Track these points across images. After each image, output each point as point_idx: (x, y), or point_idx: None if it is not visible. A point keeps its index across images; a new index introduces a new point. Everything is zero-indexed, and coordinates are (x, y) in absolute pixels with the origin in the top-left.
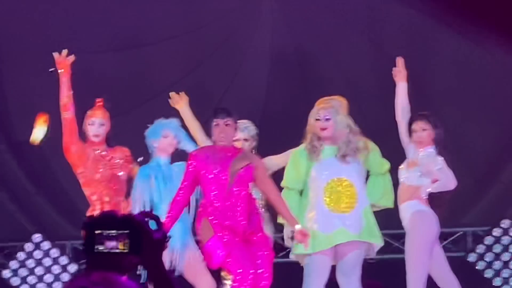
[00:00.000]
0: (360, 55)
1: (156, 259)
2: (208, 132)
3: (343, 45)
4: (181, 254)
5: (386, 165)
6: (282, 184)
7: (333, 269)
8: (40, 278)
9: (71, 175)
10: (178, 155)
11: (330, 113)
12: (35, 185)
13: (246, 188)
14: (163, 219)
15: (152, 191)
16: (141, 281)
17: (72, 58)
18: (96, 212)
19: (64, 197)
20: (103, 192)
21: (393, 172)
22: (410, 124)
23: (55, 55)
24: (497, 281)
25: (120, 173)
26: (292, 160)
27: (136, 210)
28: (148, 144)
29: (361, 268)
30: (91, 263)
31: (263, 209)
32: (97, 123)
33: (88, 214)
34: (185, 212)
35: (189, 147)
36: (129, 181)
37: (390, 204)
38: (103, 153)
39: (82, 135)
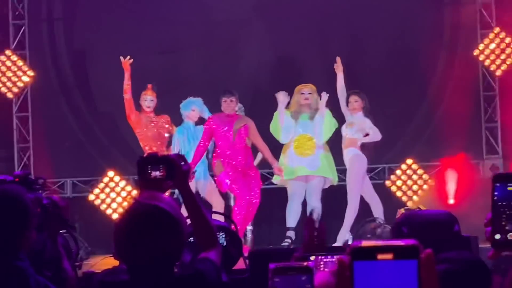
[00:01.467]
0: (315, 56)
1: (185, 183)
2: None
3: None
4: (203, 183)
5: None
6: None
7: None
8: (113, 200)
9: (132, 134)
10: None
11: (310, 90)
12: (109, 140)
13: (244, 140)
14: (190, 161)
15: (184, 143)
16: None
17: (131, 60)
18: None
19: (127, 147)
20: (152, 144)
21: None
22: (347, 97)
23: (121, 58)
24: (404, 198)
25: (164, 133)
26: (276, 117)
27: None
28: (182, 113)
29: (321, 192)
30: (143, 186)
31: None
32: (148, 99)
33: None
34: (205, 157)
35: (207, 116)
36: (169, 137)
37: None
38: (153, 119)
39: (139, 108)
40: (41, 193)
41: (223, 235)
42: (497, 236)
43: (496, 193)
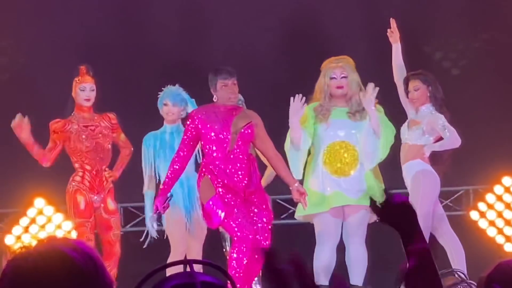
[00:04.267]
0: (355, 19)
1: None
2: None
3: (339, 11)
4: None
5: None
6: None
7: None
8: None
9: None
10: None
11: (346, 71)
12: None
13: (247, 148)
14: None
15: (155, 157)
16: None
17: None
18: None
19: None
20: (88, 162)
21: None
22: (405, 84)
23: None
24: (498, 239)
25: (106, 144)
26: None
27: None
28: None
29: (366, 230)
30: None
31: None
32: (88, 88)
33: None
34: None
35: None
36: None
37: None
38: (88, 122)
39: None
40: None
41: None
42: None
43: None
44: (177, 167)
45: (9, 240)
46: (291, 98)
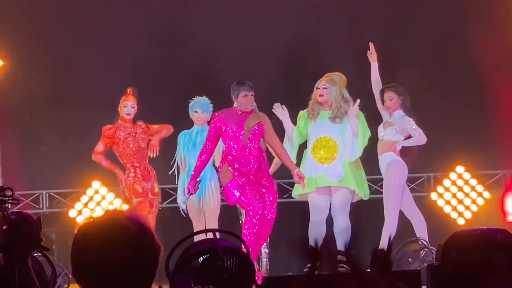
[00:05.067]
0: (345, 45)
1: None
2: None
3: (332, 39)
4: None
5: (368, 135)
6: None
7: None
8: None
9: None
10: None
11: (328, 84)
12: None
13: (258, 142)
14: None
15: (186, 151)
16: None
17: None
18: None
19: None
20: (133, 161)
21: (374, 131)
22: (381, 94)
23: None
24: (453, 214)
25: (142, 144)
26: (298, 120)
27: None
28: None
29: (349, 206)
30: None
31: None
32: (129, 105)
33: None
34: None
35: None
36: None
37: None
38: (130, 131)
39: (116, 118)
40: (9, 207)
41: (232, 259)
42: None
43: None
44: (204, 157)
45: (72, 213)
46: (272, 109)
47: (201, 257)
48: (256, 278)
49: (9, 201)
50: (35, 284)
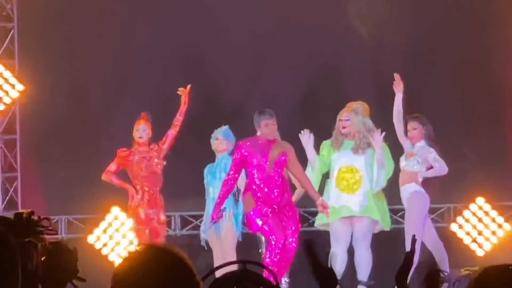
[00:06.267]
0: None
1: None
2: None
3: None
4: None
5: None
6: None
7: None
8: (118, 243)
9: None
10: None
11: (350, 115)
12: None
13: (282, 171)
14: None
15: (212, 181)
16: None
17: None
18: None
19: None
20: (144, 184)
21: (396, 161)
22: (405, 124)
23: (181, 90)
24: (472, 246)
25: (156, 169)
26: (321, 149)
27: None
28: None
29: (371, 237)
30: None
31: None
32: (141, 129)
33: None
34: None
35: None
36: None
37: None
38: (145, 154)
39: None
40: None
41: None
42: None
43: None
44: (228, 185)
45: (91, 239)
46: (300, 135)
47: None
48: None
49: (47, 231)
50: None
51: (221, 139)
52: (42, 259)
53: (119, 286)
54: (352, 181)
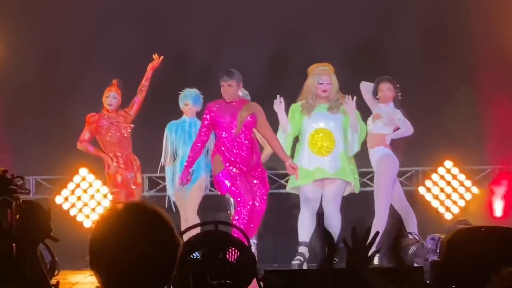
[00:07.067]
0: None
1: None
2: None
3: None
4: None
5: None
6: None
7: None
8: (86, 204)
9: None
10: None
11: (331, 78)
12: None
13: (251, 133)
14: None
15: (175, 141)
16: None
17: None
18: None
19: None
20: (116, 150)
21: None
22: (377, 84)
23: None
24: (440, 209)
25: (125, 133)
26: (290, 113)
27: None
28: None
29: (340, 199)
30: None
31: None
32: (111, 96)
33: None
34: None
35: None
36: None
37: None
38: (113, 120)
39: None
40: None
41: (233, 251)
42: None
43: None
44: (197, 148)
45: (58, 200)
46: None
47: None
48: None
49: (20, 190)
50: (44, 273)
51: (190, 105)
52: (17, 217)
53: (98, 244)
54: (326, 144)
